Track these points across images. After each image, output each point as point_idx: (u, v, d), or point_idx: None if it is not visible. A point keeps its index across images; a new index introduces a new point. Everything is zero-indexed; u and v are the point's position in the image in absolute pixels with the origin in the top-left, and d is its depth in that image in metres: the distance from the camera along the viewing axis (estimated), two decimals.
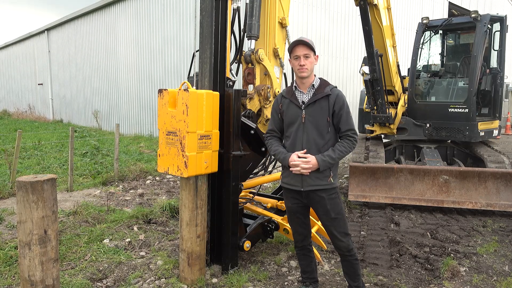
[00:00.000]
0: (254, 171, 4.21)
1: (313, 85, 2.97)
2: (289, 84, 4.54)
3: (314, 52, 2.93)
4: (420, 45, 8.10)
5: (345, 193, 6.37)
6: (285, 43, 4.37)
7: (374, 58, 7.12)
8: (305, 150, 2.91)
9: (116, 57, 15.69)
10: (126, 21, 14.86)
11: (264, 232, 3.94)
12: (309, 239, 3.26)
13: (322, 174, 2.91)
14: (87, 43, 17.76)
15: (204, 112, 3.25)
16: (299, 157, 2.88)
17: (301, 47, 2.90)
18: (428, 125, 7.60)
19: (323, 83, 2.99)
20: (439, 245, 4.34)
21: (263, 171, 4.48)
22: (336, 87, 3.01)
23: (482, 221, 5.30)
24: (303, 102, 2.95)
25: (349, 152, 2.97)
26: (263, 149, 3.90)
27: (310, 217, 4.09)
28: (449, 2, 16.49)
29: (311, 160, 2.84)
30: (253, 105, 3.99)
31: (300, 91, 2.99)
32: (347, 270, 3.14)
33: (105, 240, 4.37)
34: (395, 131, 7.69)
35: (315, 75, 3.05)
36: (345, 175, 7.99)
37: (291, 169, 2.91)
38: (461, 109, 7.30)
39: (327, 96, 2.91)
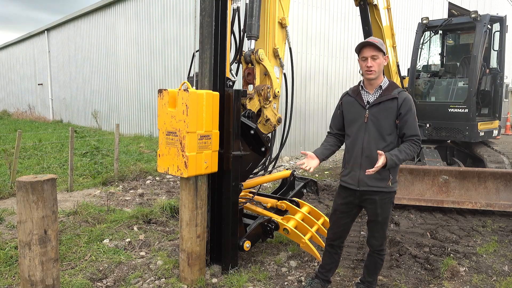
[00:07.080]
0: (254, 171, 4.21)
1: (381, 86, 2.92)
2: (289, 84, 4.58)
3: (384, 52, 2.87)
4: (420, 45, 8.11)
5: None
6: (285, 43, 4.37)
7: None
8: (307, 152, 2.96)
9: (116, 57, 15.69)
10: (126, 21, 14.86)
11: (264, 232, 3.94)
12: (342, 241, 3.23)
13: (381, 176, 2.87)
14: (87, 43, 17.76)
15: (204, 112, 3.25)
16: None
17: (368, 48, 2.83)
18: (428, 125, 7.61)
19: (392, 85, 2.94)
20: (439, 245, 4.35)
21: (263, 171, 4.49)
22: (405, 90, 2.96)
23: (481, 221, 5.30)
24: (368, 102, 2.91)
25: (413, 157, 2.92)
26: (263, 149, 3.90)
27: (310, 216, 4.13)
28: (449, 2, 16.49)
29: (381, 160, 2.70)
30: (253, 105, 3.99)
31: (366, 91, 2.95)
32: (369, 265, 3.18)
33: (105, 240, 4.37)
34: None
35: (384, 77, 2.99)
36: None
37: (298, 164, 2.90)
38: (461, 109, 7.30)
39: (394, 99, 2.84)
